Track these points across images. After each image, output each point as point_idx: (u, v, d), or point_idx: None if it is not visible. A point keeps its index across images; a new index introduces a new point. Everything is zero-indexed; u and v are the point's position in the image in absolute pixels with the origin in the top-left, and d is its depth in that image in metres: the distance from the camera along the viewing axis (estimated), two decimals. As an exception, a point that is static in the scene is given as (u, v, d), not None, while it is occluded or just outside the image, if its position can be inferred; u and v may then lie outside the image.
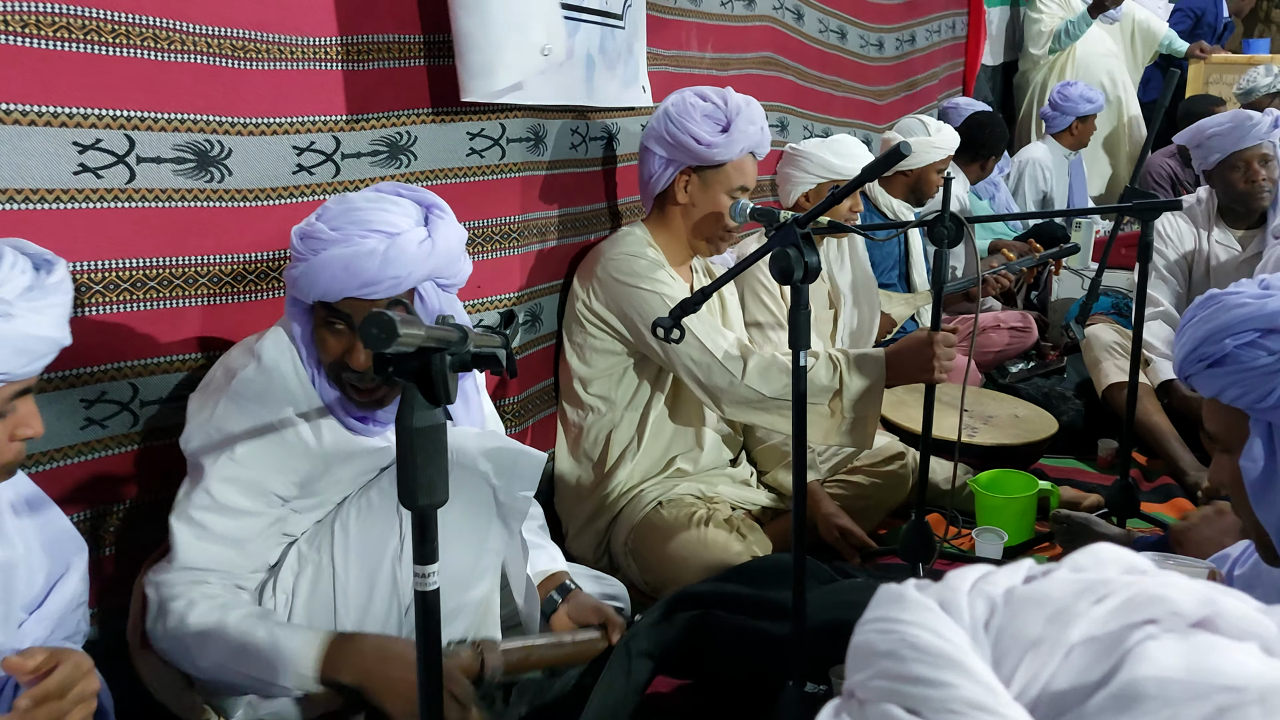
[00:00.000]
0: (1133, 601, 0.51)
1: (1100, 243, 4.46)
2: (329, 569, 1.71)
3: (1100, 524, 2.57)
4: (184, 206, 1.77)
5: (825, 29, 4.14)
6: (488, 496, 1.69)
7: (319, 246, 1.57)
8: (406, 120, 2.15)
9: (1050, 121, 5.22)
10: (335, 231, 1.57)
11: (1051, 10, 5.98)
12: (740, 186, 2.45)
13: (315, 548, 1.73)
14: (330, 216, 1.60)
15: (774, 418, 2.31)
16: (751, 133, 2.42)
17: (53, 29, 1.56)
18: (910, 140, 3.60)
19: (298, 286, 1.61)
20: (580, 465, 2.52)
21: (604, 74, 2.61)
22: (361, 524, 1.72)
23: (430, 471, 1.09)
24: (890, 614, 0.55)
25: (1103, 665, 0.49)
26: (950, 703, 0.49)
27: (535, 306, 2.56)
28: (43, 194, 1.58)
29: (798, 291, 1.63)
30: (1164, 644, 0.49)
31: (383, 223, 1.58)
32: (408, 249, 1.56)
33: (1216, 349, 1.28)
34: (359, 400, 1.68)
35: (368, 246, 1.55)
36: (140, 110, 1.68)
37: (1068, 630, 0.51)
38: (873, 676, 0.53)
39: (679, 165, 2.44)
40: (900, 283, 3.75)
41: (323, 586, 1.71)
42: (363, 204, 1.61)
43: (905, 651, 0.52)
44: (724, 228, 2.47)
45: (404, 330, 0.95)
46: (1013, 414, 3.08)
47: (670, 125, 2.43)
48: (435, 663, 1.16)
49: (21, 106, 1.54)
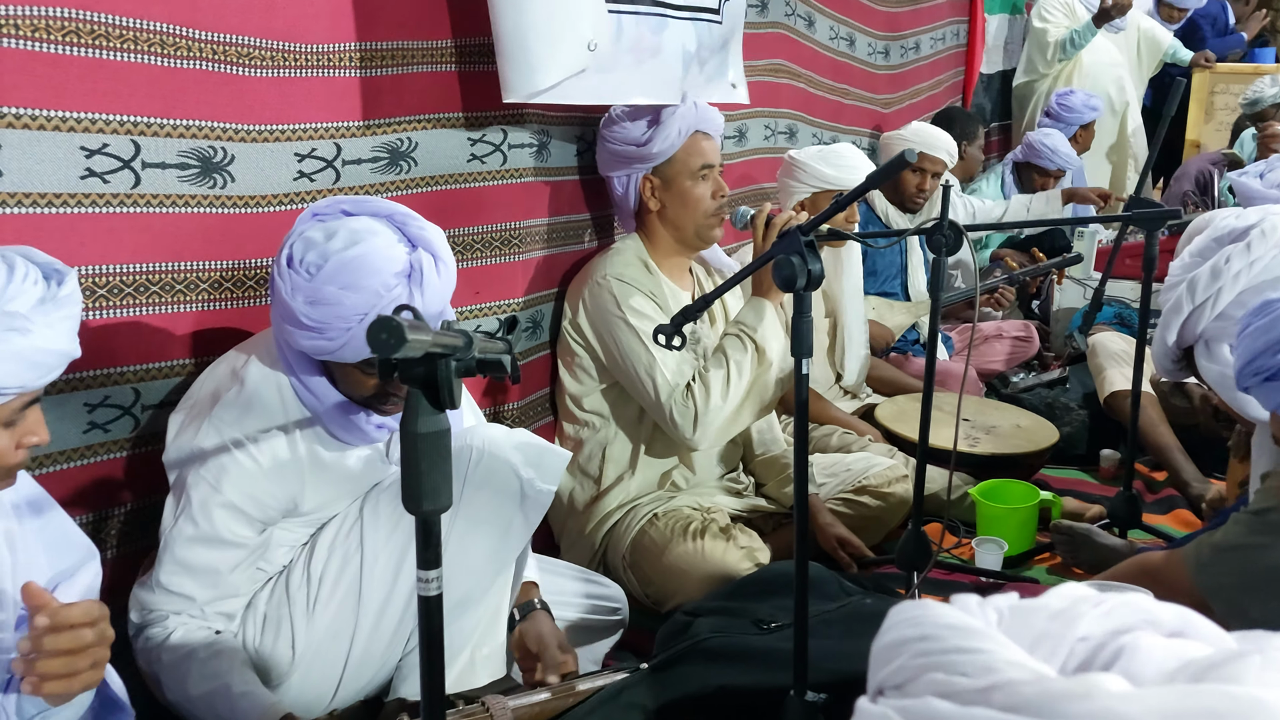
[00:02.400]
0: (1124, 609, 0.57)
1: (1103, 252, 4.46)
2: (358, 552, 1.71)
3: (1101, 535, 2.57)
4: (188, 212, 1.77)
5: (836, 36, 4.15)
6: (515, 487, 1.70)
7: (345, 315, 1.51)
8: (407, 126, 2.15)
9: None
10: (348, 291, 1.50)
11: (1057, 20, 5.98)
12: (703, 166, 2.46)
13: (345, 531, 1.73)
14: (332, 275, 1.51)
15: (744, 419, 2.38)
16: (681, 112, 2.43)
17: (62, 34, 1.56)
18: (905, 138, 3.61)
19: (327, 354, 1.57)
20: (576, 479, 2.51)
21: (695, 71, 2.61)
22: (390, 510, 1.71)
23: (435, 477, 1.09)
24: (913, 614, 0.59)
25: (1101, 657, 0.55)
26: (993, 662, 0.53)
27: (536, 314, 2.56)
28: (50, 198, 1.58)
29: (800, 299, 1.63)
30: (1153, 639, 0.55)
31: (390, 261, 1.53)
32: (432, 284, 1.54)
33: (1274, 361, 1.26)
34: (384, 410, 1.68)
35: (391, 297, 1.51)
36: (147, 116, 1.69)
37: (1072, 626, 0.56)
38: (909, 659, 0.57)
39: (636, 175, 2.46)
40: (901, 291, 3.75)
41: (351, 569, 1.71)
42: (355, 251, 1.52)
43: (939, 631, 0.56)
44: (704, 214, 2.47)
45: (412, 335, 0.95)
46: (1015, 424, 3.08)
47: (608, 143, 2.49)
48: (438, 669, 1.16)
49: (31, 111, 1.54)
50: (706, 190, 2.46)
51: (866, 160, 3.13)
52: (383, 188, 2.11)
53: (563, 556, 2.47)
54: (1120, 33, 6.16)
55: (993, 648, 0.55)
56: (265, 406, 1.63)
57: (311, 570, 1.72)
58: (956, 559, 2.62)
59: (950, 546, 2.64)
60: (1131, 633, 0.56)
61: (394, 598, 1.71)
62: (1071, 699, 0.50)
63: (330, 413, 1.66)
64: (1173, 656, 0.54)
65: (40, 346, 1.22)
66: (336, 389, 1.66)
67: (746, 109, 3.42)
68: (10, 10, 1.50)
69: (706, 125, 2.49)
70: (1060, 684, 0.51)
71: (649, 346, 2.30)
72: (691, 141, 2.45)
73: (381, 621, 1.72)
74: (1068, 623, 0.57)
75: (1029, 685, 0.52)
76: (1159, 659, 0.54)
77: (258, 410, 1.63)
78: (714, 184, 2.48)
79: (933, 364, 2.24)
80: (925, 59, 5.17)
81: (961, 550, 2.66)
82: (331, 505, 1.75)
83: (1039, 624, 0.57)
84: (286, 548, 1.74)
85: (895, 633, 0.59)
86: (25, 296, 1.22)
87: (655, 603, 2.33)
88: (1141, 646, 0.55)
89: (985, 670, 0.53)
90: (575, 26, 2.16)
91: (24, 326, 1.20)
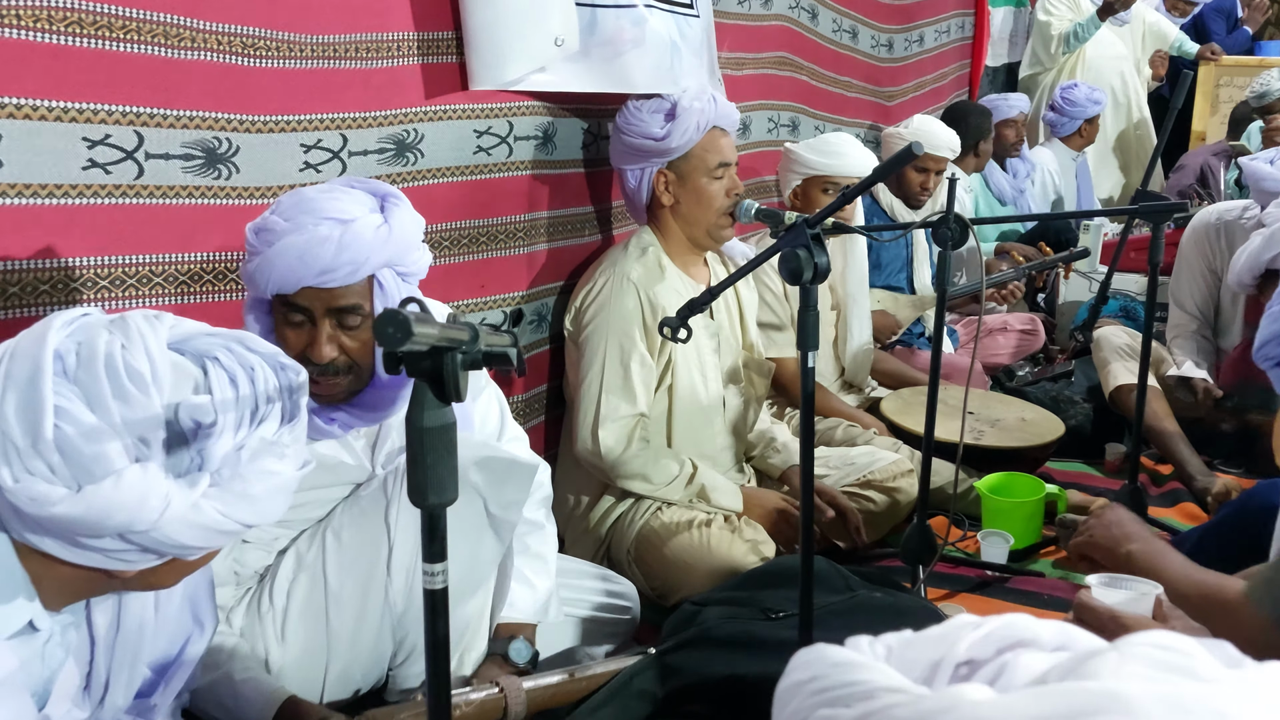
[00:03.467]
0: (1005, 628, 0.59)
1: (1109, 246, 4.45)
2: (321, 579, 1.69)
3: (1107, 528, 2.56)
4: (191, 203, 1.77)
5: (839, 28, 4.14)
6: (480, 508, 1.67)
7: (272, 238, 1.55)
8: (414, 118, 2.14)
9: (1057, 126, 5.20)
10: (288, 222, 1.55)
11: (1061, 13, 5.96)
12: (720, 164, 2.45)
13: (309, 555, 1.71)
14: (284, 209, 1.58)
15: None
16: (699, 108, 2.42)
17: (64, 24, 1.55)
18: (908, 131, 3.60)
19: (254, 281, 1.59)
20: (581, 471, 2.50)
21: (690, 60, 2.62)
22: (352, 533, 1.70)
23: (440, 470, 1.09)
24: (807, 658, 0.62)
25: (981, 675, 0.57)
26: (872, 690, 0.56)
27: (541, 306, 2.56)
28: (51, 189, 1.58)
29: (806, 293, 1.62)
30: (1033, 655, 0.57)
31: (337, 210, 1.56)
32: (363, 234, 1.55)
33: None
34: (317, 392, 1.64)
35: (322, 233, 1.53)
36: (150, 107, 1.68)
37: (953, 650, 0.58)
38: (802, 699, 0.60)
39: (651, 169, 2.45)
40: (907, 284, 3.74)
41: (316, 597, 1.69)
42: (315, 194, 1.59)
43: (828, 670, 0.59)
44: (717, 211, 2.46)
45: (418, 329, 0.95)
46: (1020, 417, 3.08)
47: (624, 136, 2.47)
48: (444, 664, 1.16)
49: (32, 101, 1.54)
50: (721, 188, 2.46)
51: (859, 148, 3.10)
52: (389, 179, 2.10)
53: (567, 551, 2.46)
54: (1125, 26, 6.14)
55: (874, 678, 0.57)
56: None
57: (275, 596, 1.70)
58: (962, 553, 2.61)
59: (955, 540, 2.64)
60: (1013, 650, 0.57)
61: (366, 615, 1.69)
62: (938, 713, 0.53)
63: None
64: (1042, 664, 0.56)
65: (295, 473, 1.11)
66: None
67: (750, 102, 3.42)
68: (12, 0, 1.49)
69: (724, 121, 2.48)
70: (929, 700, 0.54)
71: (605, 375, 2.33)
72: (709, 137, 2.44)
73: (358, 639, 1.70)
74: (949, 647, 0.58)
75: (901, 706, 0.55)
76: (1029, 668, 0.56)
77: None
78: (729, 181, 2.47)
79: (938, 357, 2.23)
80: (930, 51, 5.16)
81: (967, 544, 2.66)
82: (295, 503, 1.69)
83: (923, 652, 0.59)
84: (254, 543, 1.72)
85: (791, 677, 0.62)
86: (273, 415, 1.09)
87: (660, 596, 2.33)
88: (1020, 663, 0.56)
89: (864, 698, 0.56)
90: (544, 23, 2.21)
91: (281, 453, 1.09)
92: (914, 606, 2.00)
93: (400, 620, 1.71)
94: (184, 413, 1.04)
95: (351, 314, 1.60)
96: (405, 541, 1.67)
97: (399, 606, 1.70)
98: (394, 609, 1.70)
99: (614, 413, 2.33)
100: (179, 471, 1.05)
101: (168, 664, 1.35)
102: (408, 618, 1.71)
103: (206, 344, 1.10)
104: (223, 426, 1.06)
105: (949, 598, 2.40)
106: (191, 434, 1.05)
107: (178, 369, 1.07)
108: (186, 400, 1.04)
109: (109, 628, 1.23)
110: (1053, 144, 5.25)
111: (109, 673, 1.25)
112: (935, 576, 2.42)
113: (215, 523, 1.07)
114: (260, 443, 1.08)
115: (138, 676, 1.29)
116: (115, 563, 1.07)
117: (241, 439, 1.07)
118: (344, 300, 1.59)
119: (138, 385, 1.03)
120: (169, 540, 1.06)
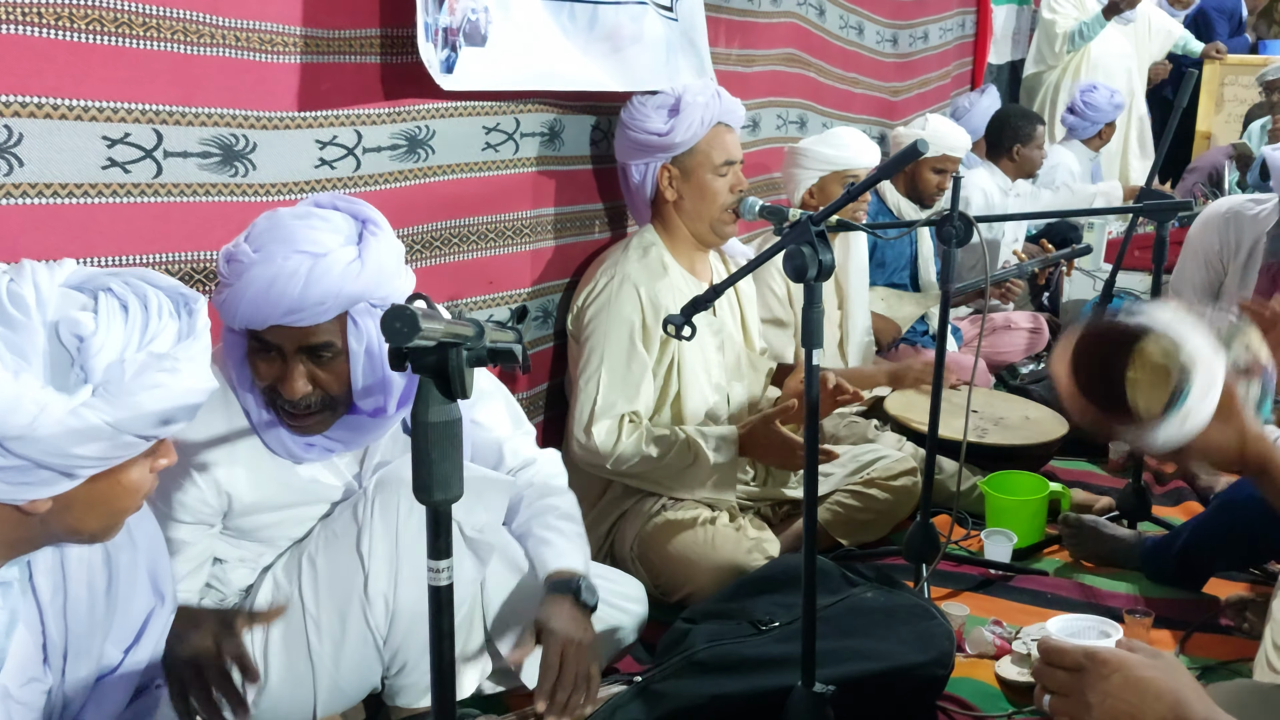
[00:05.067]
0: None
1: (1113, 244, 4.44)
2: (299, 605, 1.68)
3: (1109, 527, 2.56)
4: (208, 201, 1.77)
5: (845, 25, 4.14)
6: (455, 532, 1.66)
7: (241, 270, 1.49)
8: (426, 115, 2.14)
9: (1076, 129, 5.16)
10: (257, 253, 1.49)
11: (1066, 12, 5.95)
12: (725, 161, 2.45)
13: (288, 580, 1.70)
14: (255, 236, 1.52)
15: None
16: (703, 103, 2.42)
17: (85, 22, 1.55)
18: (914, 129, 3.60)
19: (224, 312, 1.53)
20: (583, 469, 2.50)
21: (679, 60, 2.64)
22: (327, 559, 1.68)
23: (445, 467, 1.09)
24: None
25: None
26: None
27: (547, 303, 2.56)
28: (71, 188, 1.58)
29: (811, 290, 1.62)
30: None
31: (309, 242, 1.49)
32: (332, 269, 1.48)
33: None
34: (292, 425, 1.61)
35: (289, 268, 1.46)
36: (169, 104, 1.68)
37: None
38: None
39: (655, 164, 2.45)
40: (911, 283, 3.74)
41: (295, 622, 1.68)
42: (290, 221, 1.52)
43: None
44: (720, 207, 2.46)
45: (425, 324, 0.95)
46: (1023, 415, 3.07)
47: (629, 131, 2.48)
48: (449, 661, 1.16)
49: (53, 100, 1.53)
50: (725, 184, 2.46)
51: (867, 141, 3.12)
52: (401, 176, 2.10)
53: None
54: (1130, 24, 6.14)
55: None
56: (209, 408, 1.50)
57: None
58: (965, 551, 2.61)
59: (959, 538, 2.64)
60: None
61: (347, 639, 1.68)
62: None
63: (264, 422, 1.63)
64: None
65: (189, 386, 1.13)
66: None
67: (759, 99, 3.42)
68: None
69: (729, 117, 2.48)
70: None
71: (603, 374, 2.33)
72: (714, 133, 2.44)
73: (341, 661, 1.69)
74: None
75: None
76: None
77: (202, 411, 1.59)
78: (733, 178, 2.47)
79: (942, 355, 2.23)
80: (934, 49, 5.16)
81: (970, 542, 2.66)
82: (274, 519, 1.71)
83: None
84: (234, 562, 1.72)
85: None
86: (166, 333, 1.12)
87: (664, 593, 2.33)
88: None
89: None
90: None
91: (172, 367, 1.11)
92: (908, 606, 1.99)
93: (388, 639, 1.70)
94: (65, 328, 1.05)
95: (323, 350, 1.55)
96: (380, 567, 1.65)
97: (382, 630, 1.69)
98: (377, 633, 1.69)
99: (609, 410, 2.33)
100: (61, 384, 1.05)
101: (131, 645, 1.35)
102: (395, 635, 1.70)
103: (104, 280, 1.12)
104: (105, 339, 1.07)
105: (952, 596, 2.40)
106: (75, 349, 1.06)
107: (67, 296, 1.08)
108: (68, 316, 1.06)
109: (54, 592, 1.24)
110: (1072, 144, 5.21)
111: (66, 644, 1.25)
112: (938, 575, 2.42)
113: (98, 431, 1.06)
114: (149, 357, 1.09)
115: (98, 649, 1.29)
116: (11, 486, 1.07)
117: (126, 352, 1.08)
118: (314, 339, 1.54)
119: (19, 308, 1.05)
120: (54, 450, 1.05)
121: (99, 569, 1.28)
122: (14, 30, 1.47)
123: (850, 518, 2.59)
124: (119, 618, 1.31)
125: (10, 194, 1.51)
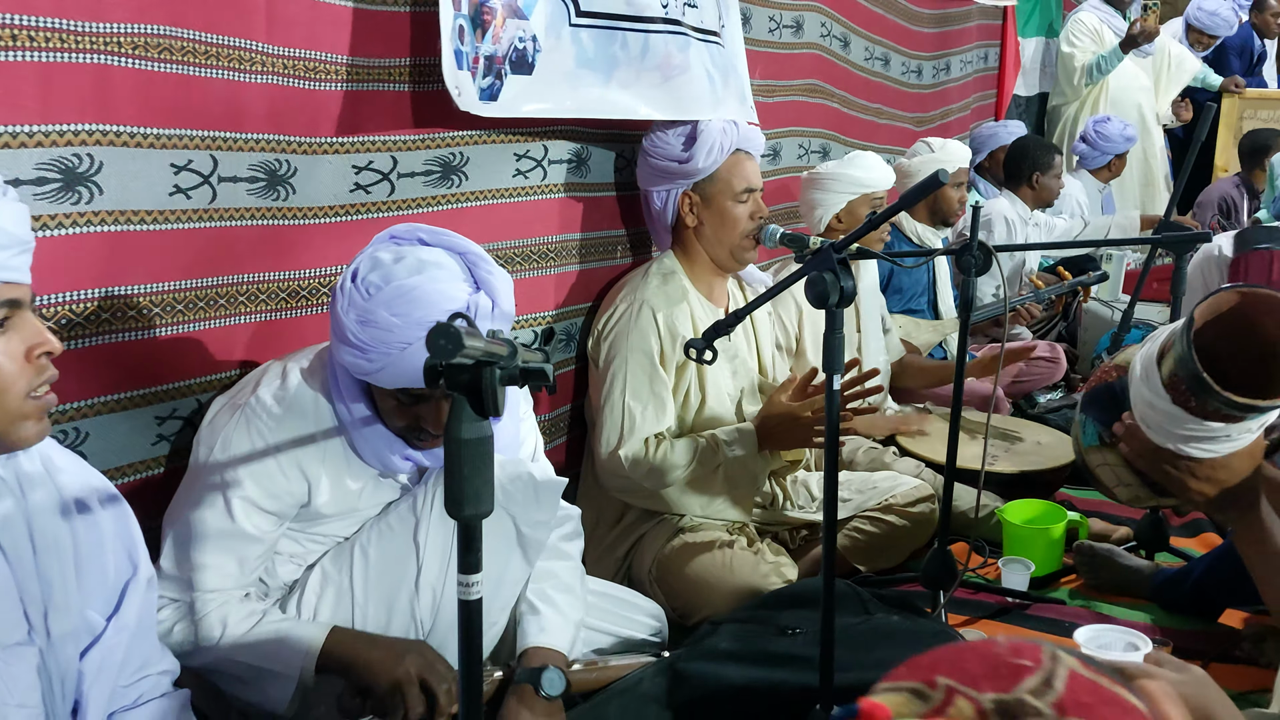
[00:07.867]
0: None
1: (1132, 275, 4.45)
2: (349, 594, 1.72)
3: (1125, 556, 2.57)
4: (253, 225, 1.81)
5: (871, 56, 4.19)
6: (509, 527, 1.69)
7: (390, 341, 1.51)
8: (460, 141, 2.18)
9: (1086, 158, 5.18)
10: (400, 319, 1.50)
11: (1084, 45, 5.98)
12: (745, 189, 2.48)
13: (337, 570, 1.73)
14: (384, 299, 1.52)
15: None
16: (719, 129, 2.46)
17: (157, 50, 1.59)
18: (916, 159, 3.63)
19: (372, 377, 1.56)
20: (602, 490, 2.50)
21: (720, 89, 2.67)
22: (381, 549, 1.72)
23: (476, 482, 1.12)
24: None
25: None
26: None
27: (570, 326, 2.60)
28: (142, 215, 1.62)
29: (833, 316, 1.65)
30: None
31: (445, 299, 1.52)
32: (483, 322, 1.54)
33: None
34: (418, 444, 1.67)
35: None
36: (223, 131, 1.73)
37: None
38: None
39: (677, 190, 2.49)
40: (928, 309, 3.76)
41: (342, 611, 1.72)
42: (417, 282, 1.52)
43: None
44: (741, 234, 2.49)
45: (469, 341, 0.99)
46: (1035, 441, 3.08)
47: (650, 157, 2.52)
48: (476, 671, 1.19)
49: (130, 129, 1.58)
50: (745, 211, 2.49)
51: (886, 165, 3.14)
52: (434, 201, 2.15)
53: (588, 570, 2.48)
54: (1148, 58, 6.16)
55: None
56: (300, 411, 1.64)
57: (303, 608, 1.72)
58: (982, 579, 2.62)
59: (976, 566, 2.65)
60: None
61: (391, 631, 1.71)
62: None
63: (361, 434, 1.66)
64: None
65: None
66: (376, 415, 1.66)
67: (780, 128, 3.46)
68: (114, 28, 1.53)
69: (748, 144, 2.51)
70: None
71: (627, 397, 2.36)
72: (734, 160, 2.48)
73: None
74: None
75: None
76: None
77: (293, 413, 1.64)
78: (753, 205, 2.50)
79: (960, 383, 2.25)
80: (956, 80, 5.20)
81: (987, 570, 2.66)
82: (337, 522, 1.74)
83: None
84: (286, 556, 1.75)
85: None
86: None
87: (681, 616, 2.34)
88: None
89: None
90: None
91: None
92: (932, 631, 2.01)
93: (428, 637, 1.73)
94: None
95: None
96: (434, 560, 1.69)
97: (426, 624, 1.72)
98: (421, 627, 1.72)
99: (637, 430, 2.35)
100: None
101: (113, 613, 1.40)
102: (435, 635, 1.73)
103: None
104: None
105: (969, 623, 2.41)
106: None
107: None
108: None
109: (21, 544, 1.28)
110: (1080, 175, 5.21)
111: (45, 600, 1.30)
112: (955, 602, 2.43)
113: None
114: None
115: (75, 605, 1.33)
116: None
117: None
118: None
119: None
120: None
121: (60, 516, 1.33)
122: (94, 59, 1.51)
123: (868, 544, 2.60)
124: (95, 577, 1.36)
125: (90, 221, 1.55)
